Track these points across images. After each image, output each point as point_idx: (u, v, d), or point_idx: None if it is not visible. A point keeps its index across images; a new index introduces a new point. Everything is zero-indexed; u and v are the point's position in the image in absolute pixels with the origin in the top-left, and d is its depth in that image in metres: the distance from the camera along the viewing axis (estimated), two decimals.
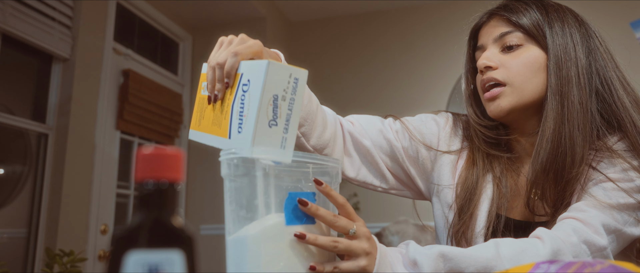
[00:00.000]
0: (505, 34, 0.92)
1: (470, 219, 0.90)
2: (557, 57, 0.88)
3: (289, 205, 0.67)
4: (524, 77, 0.89)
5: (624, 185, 0.82)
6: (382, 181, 1.01)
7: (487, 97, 0.92)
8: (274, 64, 0.68)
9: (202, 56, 3.61)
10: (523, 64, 0.89)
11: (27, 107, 2.49)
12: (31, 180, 2.42)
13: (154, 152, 0.39)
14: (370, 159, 0.98)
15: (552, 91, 0.87)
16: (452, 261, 0.72)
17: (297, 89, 0.69)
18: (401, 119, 1.02)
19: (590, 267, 0.50)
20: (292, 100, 0.69)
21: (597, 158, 0.86)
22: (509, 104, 0.89)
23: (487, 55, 0.92)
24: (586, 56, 0.89)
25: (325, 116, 0.94)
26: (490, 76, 0.91)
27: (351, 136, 0.97)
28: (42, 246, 2.33)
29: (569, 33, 0.90)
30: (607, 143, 0.86)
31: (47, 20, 2.43)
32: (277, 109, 0.68)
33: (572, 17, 0.93)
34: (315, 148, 0.92)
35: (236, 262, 0.67)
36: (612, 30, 1.07)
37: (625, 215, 0.81)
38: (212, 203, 3.35)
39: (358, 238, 0.69)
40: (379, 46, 3.78)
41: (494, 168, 0.94)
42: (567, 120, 0.85)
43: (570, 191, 0.86)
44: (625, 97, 0.88)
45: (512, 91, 0.89)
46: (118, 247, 0.38)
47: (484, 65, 0.91)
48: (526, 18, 0.91)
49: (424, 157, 0.98)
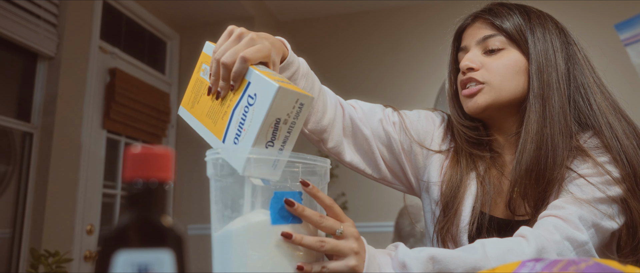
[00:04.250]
0: (488, 37, 0.95)
1: (454, 215, 0.92)
2: (538, 62, 0.91)
3: (275, 205, 0.66)
4: (502, 78, 0.92)
5: (597, 180, 0.84)
6: (375, 171, 1.02)
7: (465, 94, 0.95)
8: (283, 90, 0.66)
9: (190, 55, 3.59)
10: (504, 66, 0.92)
11: (11, 106, 2.46)
12: (16, 179, 2.39)
13: (143, 151, 0.39)
14: (367, 148, 0.99)
15: (534, 94, 0.90)
16: (440, 263, 0.72)
17: (300, 114, 0.69)
18: (400, 112, 1.03)
19: (575, 265, 0.51)
20: (293, 124, 0.69)
21: (570, 156, 0.88)
22: (485, 102, 0.92)
23: (470, 57, 0.95)
24: (565, 62, 0.92)
25: (326, 100, 0.94)
26: (470, 76, 0.94)
27: (351, 121, 0.98)
28: (27, 246, 2.30)
29: (549, 39, 0.93)
30: (579, 141, 0.88)
31: (33, 18, 2.40)
32: (277, 131, 0.68)
33: (553, 24, 0.96)
34: (313, 132, 0.93)
35: (221, 260, 0.66)
36: (598, 31, 1.09)
37: (602, 209, 0.83)
38: (200, 203, 3.33)
39: (345, 238, 0.69)
40: (367, 46, 3.79)
41: (477, 167, 0.96)
42: (548, 123, 0.88)
43: (550, 191, 0.87)
44: (602, 102, 0.91)
45: (490, 89, 0.92)
46: (107, 246, 0.37)
47: (466, 66, 0.94)
48: (509, 23, 0.94)
49: (417, 153, 1.00)
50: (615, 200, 0.84)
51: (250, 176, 0.67)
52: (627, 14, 2.83)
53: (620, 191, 0.84)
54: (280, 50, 0.82)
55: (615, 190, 0.84)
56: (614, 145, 0.86)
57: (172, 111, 3.46)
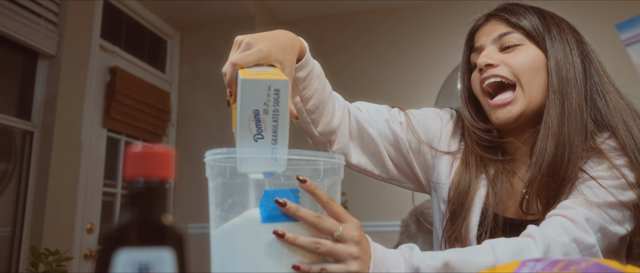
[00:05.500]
0: (505, 34, 0.93)
1: (462, 223, 0.91)
2: (557, 59, 0.90)
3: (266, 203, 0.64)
4: (528, 74, 0.90)
5: (610, 183, 0.83)
6: (383, 171, 1.01)
7: (496, 104, 0.92)
8: (247, 82, 0.66)
9: (190, 54, 3.59)
10: (525, 61, 0.91)
11: (12, 104, 2.46)
12: (16, 178, 2.39)
13: (144, 150, 0.39)
14: (374, 149, 0.99)
15: (553, 91, 0.89)
16: (454, 268, 0.71)
17: (280, 100, 0.67)
18: (406, 111, 1.02)
19: (575, 264, 0.51)
20: (276, 112, 0.67)
21: (585, 157, 0.87)
22: (519, 110, 0.90)
23: (487, 53, 0.93)
24: (581, 60, 0.92)
25: (335, 103, 0.94)
26: (491, 73, 0.92)
27: (357, 123, 0.97)
28: (27, 245, 2.30)
29: (565, 38, 0.92)
30: (596, 141, 0.87)
31: (33, 16, 2.40)
32: (261, 123, 0.67)
33: (566, 24, 0.96)
34: (322, 134, 0.93)
35: (215, 259, 0.66)
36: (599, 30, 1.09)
37: (612, 214, 0.82)
38: (200, 201, 3.33)
39: (344, 241, 0.65)
40: (368, 45, 3.79)
41: (488, 170, 0.94)
42: (567, 120, 0.87)
43: (563, 189, 0.87)
44: (619, 100, 0.91)
45: (523, 96, 0.90)
46: (107, 245, 0.37)
47: (484, 63, 0.92)
48: (525, 20, 0.93)
49: (425, 152, 1.00)
50: (627, 206, 0.83)
51: (249, 172, 0.66)
52: (628, 14, 2.83)
53: (634, 196, 0.83)
54: (294, 49, 0.80)
55: (629, 195, 0.83)
56: (629, 143, 0.85)
57: (173, 110, 3.46)
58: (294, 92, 0.87)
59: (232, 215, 0.66)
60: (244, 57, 0.73)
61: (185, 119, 3.49)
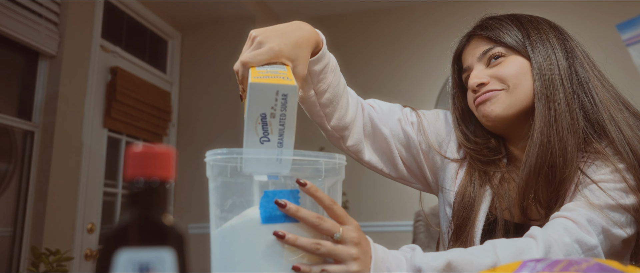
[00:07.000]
0: (488, 50, 0.95)
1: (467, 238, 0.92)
2: (539, 64, 0.91)
3: (265, 204, 0.64)
4: (515, 79, 0.92)
5: (612, 186, 0.84)
6: (393, 170, 1.02)
7: (479, 101, 0.94)
8: (255, 86, 0.66)
9: (191, 54, 3.59)
10: (512, 69, 0.93)
11: (13, 104, 2.46)
12: (17, 178, 2.39)
13: (145, 150, 0.39)
14: (386, 147, 1.00)
15: (538, 96, 0.90)
16: (456, 269, 0.71)
17: (288, 105, 0.68)
18: (418, 112, 1.03)
19: (576, 264, 0.51)
20: (283, 116, 0.68)
21: (588, 161, 0.87)
22: (500, 108, 0.92)
23: (476, 73, 0.95)
24: (565, 57, 0.92)
25: (349, 98, 0.95)
26: (485, 90, 0.93)
27: (371, 121, 0.98)
28: (27, 245, 2.31)
29: (546, 39, 0.93)
30: (597, 147, 0.87)
31: (34, 16, 2.40)
32: (267, 126, 0.67)
33: (546, 24, 0.96)
34: (335, 128, 0.93)
35: (215, 259, 0.66)
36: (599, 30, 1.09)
37: (613, 216, 0.82)
38: (200, 201, 3.33)
39: (344, 243, 0.65)
40: (368, 45, 3.79)
41: (492, 181, 0.95)
42: (554, 121, 0.87)
43: (564, 192, 0.87)
44: (605, 94, 0.91)
45: (506, 95, 0.92)
46: (108, 245, 0.37)
47: (476, 83, 0.94)
48: (504, 33, 0.95)
49: (435, 153, 1.01)
50: (627, 209, 0.83)
51: (253, 173, 0.66)
52: (628, 14, 2.83)
53: (634, 200, 0.84)
54: (309, 43, 0.80)
55: (630, 199, 0.83)
56: (618, 138, 0.86)
57: (173, 110, 3.46)
58: (308, 86, 0.88)
59: (233, 215, 0.66)
60: (254, 56, 0.73)
61: (185, 119, 3.50)
